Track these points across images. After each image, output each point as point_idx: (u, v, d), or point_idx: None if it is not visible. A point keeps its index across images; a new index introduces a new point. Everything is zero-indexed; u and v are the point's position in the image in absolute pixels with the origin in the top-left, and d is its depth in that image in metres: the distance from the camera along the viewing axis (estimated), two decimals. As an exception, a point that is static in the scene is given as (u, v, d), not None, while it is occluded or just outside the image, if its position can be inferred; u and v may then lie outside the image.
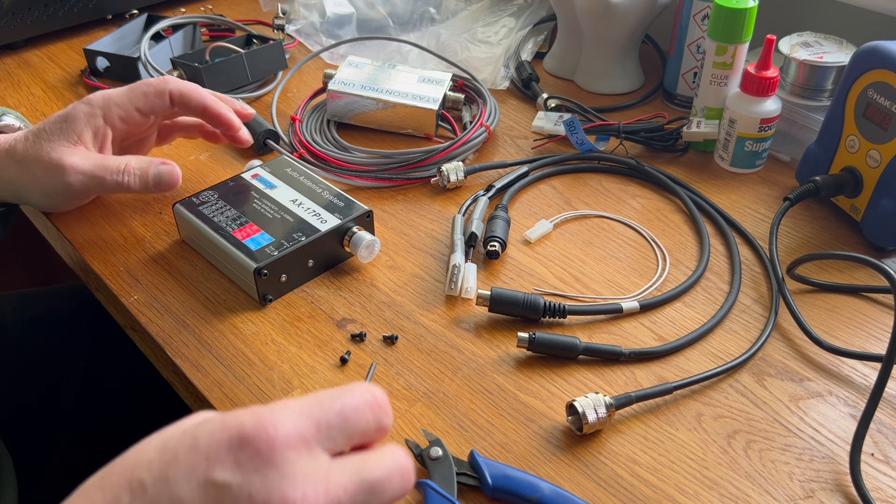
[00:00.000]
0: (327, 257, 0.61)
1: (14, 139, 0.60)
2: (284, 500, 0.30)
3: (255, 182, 0.64)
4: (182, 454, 0.31)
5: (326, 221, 0.60)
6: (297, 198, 0.62)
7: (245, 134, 0.67)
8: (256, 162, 0.67)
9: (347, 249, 0.61)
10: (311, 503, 0.31)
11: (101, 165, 0.59)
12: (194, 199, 0.62)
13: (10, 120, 0.66)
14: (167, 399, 0.62)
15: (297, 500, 0.30)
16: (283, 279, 0.58)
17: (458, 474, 0.45)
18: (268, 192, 0.63)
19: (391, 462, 0.33)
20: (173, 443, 0.31)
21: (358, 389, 0.34)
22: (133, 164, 0.60)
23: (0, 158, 0.60)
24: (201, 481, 0.30)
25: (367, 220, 0.61)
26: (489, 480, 0.44)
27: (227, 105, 0.67)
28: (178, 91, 0.63)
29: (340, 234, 0.60)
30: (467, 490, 0.45)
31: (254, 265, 0.56)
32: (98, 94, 0.62)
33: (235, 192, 0.63)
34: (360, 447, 0.34)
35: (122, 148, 0.66)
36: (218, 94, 0.68)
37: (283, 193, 0.63)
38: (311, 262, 0.59)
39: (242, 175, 0.65)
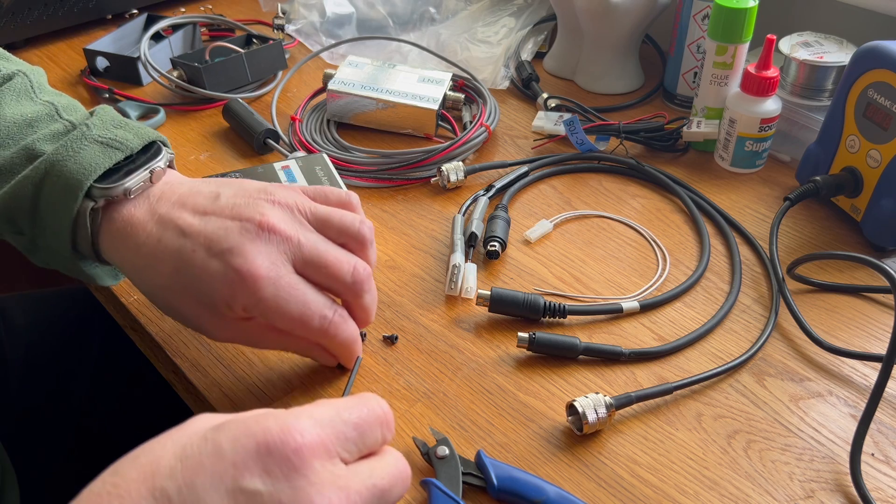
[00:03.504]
0: None
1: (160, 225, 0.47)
2: None
3: (280, 173, 0.64)
4: (207, 461, 0.31)
5: None
6: None
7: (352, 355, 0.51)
8: (300, 153, 0.67)
9: None
10: None
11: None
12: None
13: (163, 164, 0.50)
14: (175, 402, 0.62)
15: None
16: None
17: (463, 474, 0.45)
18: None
19: (395, 469, 0.36)
20: (194, 449, 0.31)
21: (372, 404, 0.36)
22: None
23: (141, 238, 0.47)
24: (230, 489, 0.31)
25: None
26: (495, 482, 0.44)
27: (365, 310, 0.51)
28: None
29: None
30: (472, 490, 0.45)
31: None
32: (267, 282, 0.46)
33: (256, 180, 0.63)
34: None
35: None
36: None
37: None
38: None
39: (274, 164, 0.66)
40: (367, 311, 0.50)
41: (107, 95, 0.82)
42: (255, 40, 0.89)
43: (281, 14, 0.94)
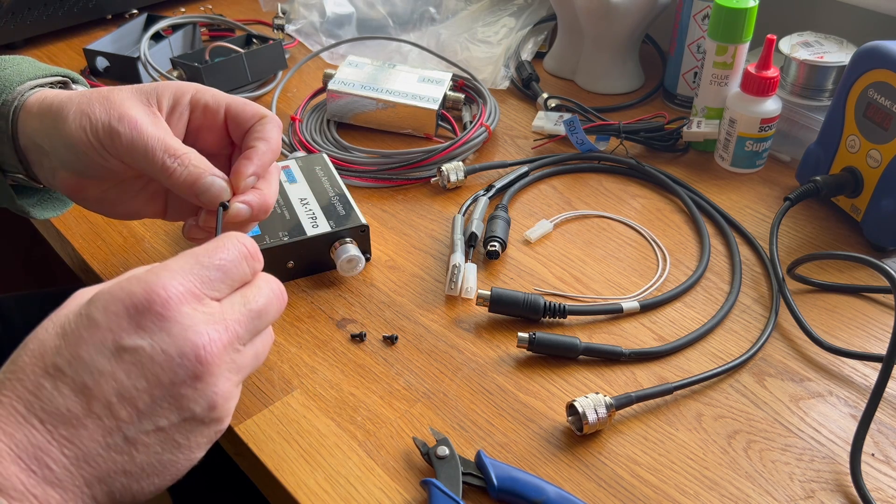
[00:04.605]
0: (311, 262, 0.60)
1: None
2: (195, 347, 0.35)
3: (280, 173, 0.64)
4: (85, 333, 0.34)
5: (318, 227, 0.59)
6: (306, 197, 0.62)
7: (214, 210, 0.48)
8: (300, 153, 0.67)
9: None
10: (217, 342, 0.36)
11: (160, 137, 0.46)
12: None
13: (83, 89, 0.56)
14: None
15: (205, 343, 0.35)
16: None
17: (463, 474, 0.45)
18: (286, 185, 0.63)
19: (268, 290, 0.40)
20: (72, 326, 0.35)
21: (231, 244, 0.39)
22: (193, 159, 0.47)
23: (59, 95, 0.49)
24: (113, 350, 0.34)
25: (361, 234, 0.60)
26: (495, 482, 0.44)
27: (262, 184, 0.49)
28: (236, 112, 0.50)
29: (329, 242, 0.59)
30: (472, 491, 0.45)
31: None
32: (194, 84, 0.51)
33: None
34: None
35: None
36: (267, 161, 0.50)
37: (298, 190, 0.63)
38: (291, 264, 0.59)
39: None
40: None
41: (107, 95, 0.82)
42: (255, 40, 0.89)
43: (281, 14, 0.94)
